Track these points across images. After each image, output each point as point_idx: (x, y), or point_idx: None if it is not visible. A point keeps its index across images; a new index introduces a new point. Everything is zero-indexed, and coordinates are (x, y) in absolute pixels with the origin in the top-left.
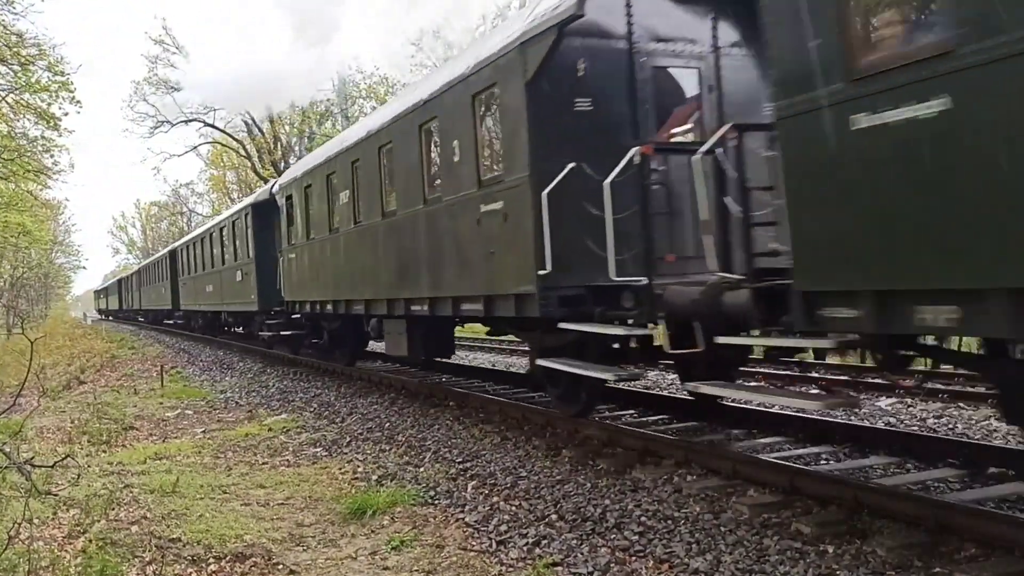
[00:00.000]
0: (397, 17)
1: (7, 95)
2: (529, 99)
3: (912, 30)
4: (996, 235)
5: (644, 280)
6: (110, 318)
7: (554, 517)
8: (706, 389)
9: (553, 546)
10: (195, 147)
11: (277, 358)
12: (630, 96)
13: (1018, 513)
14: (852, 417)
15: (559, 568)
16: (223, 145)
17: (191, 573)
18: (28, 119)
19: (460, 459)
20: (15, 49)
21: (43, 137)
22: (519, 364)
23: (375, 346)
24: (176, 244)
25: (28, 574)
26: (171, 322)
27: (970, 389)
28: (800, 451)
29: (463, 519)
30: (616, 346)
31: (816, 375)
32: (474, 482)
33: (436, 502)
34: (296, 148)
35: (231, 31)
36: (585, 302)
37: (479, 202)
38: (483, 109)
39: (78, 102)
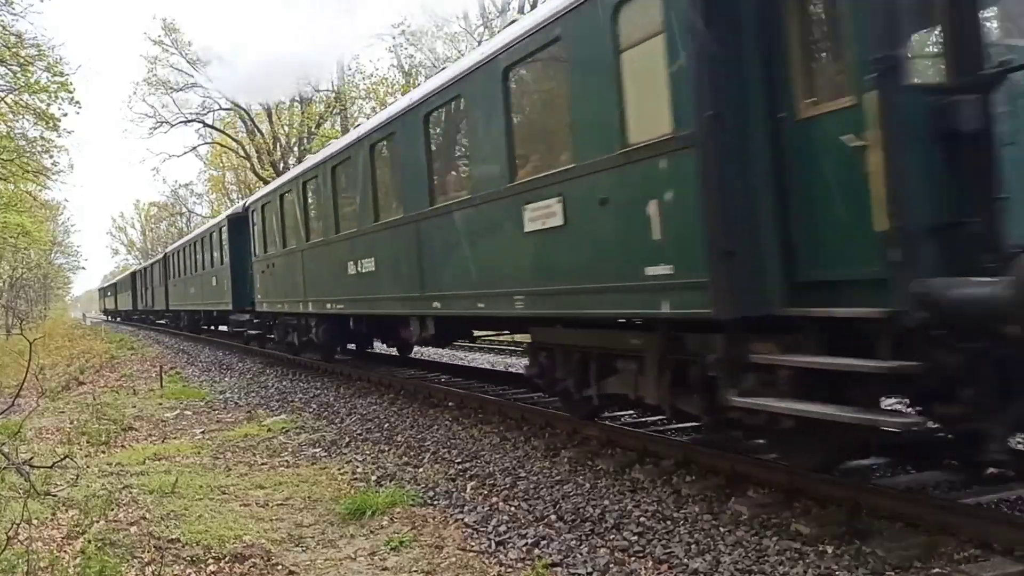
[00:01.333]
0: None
1: (6, 95)
2: None
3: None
4: None
5: None
6: (119, 320)
7: (553, 518)
8: None
9: (552, 547)
10: (194, 148)
11: (277, 358)
12: None
13: (1017, 514)
14: None
15: (558, 569)
16: (222, 146)
17: (190, 574)
18: (27, 119)
19: (459, 460)
20: (14, 50)
21: (42, 138)
22: (518, 365)
23: None
24: (250, 200)
25: (27, 575)
26: (213, 328)
27: None
28: None
29: (462, 519)
30: None
31: None
32: (473, 483)
33: (435, 503)
34: (295, 149)
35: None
36: None
37: None
38: None
39: (77, 103)
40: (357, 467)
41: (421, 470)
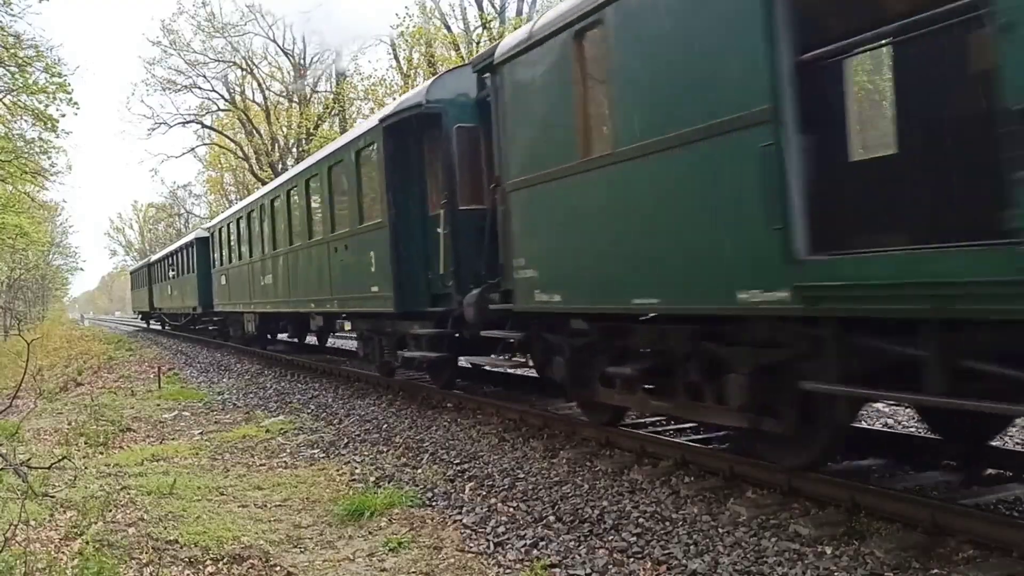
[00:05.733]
0: None
1: (4, 96)
2: None
3: None
4: None
5: None
6: (153, 324)
7: (552, 518)
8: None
9: (551, 547)
10: (192, 149)
11: (275, 360)
12: None
13: (1015, 515)
14: None
15: (557, 570)
16: (220, 147)
17: (188, 575)
18: (25, 120)
19: (458, 460)
20: (12, 50)
21: (40, 139)
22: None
23: None
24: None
25: None
26: None
27: None
28: None
29: (461, 520)
30: None
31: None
32: (472, 483)
33: (434, 503)
34: (294, 150)
35: None
36: None
37: None
38: None
39: (75, 104)
40: (355, 468)
41: (419, 471)
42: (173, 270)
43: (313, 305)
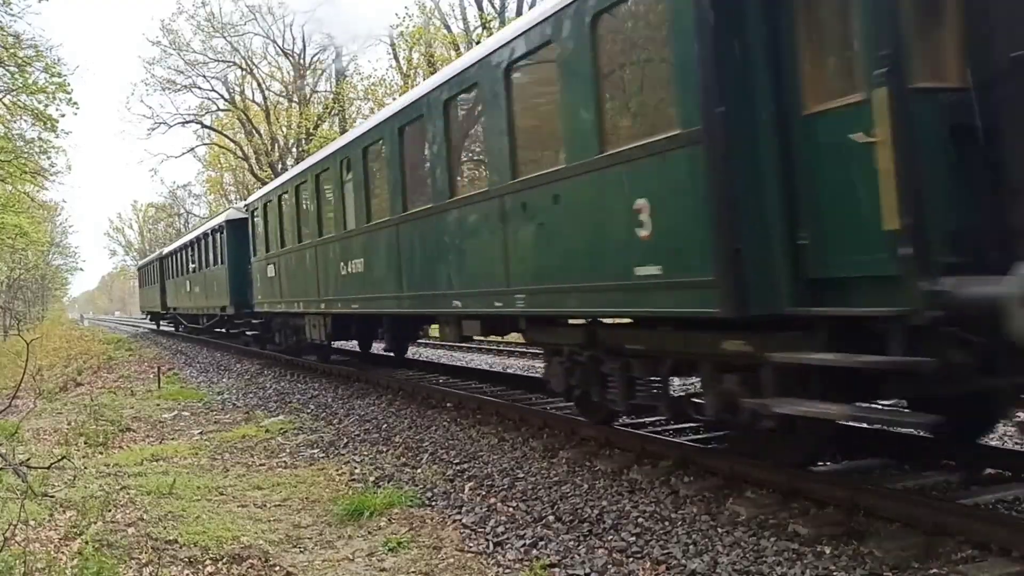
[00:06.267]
0: None
1: (4, 96)
2: None
3: None
4: None
5: None
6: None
7: (551, 518)
8: None
9: (550, 547)
10: (192, 149)
11: (275, 360)
12: None
13: (1015, 515)
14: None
15: (556, 569)
16: (220, 147)
17: (188, 575)
18: (25, 120)
19: (457, 460)
20: (12, 50)
21: (40, 139)
22: (516, 365)
23: None
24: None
25: None
26: None
27: None
28: None
29: (460, 520)
30: None
31: None
32: (471, 483)
33: (433, 503)
34: (293, 150)
35: None
36: None
37: None
38: None
39: (75, 103)
40: (355, 468)
41: (419, 471)
42: (194, 262)
43: (459, 303)
